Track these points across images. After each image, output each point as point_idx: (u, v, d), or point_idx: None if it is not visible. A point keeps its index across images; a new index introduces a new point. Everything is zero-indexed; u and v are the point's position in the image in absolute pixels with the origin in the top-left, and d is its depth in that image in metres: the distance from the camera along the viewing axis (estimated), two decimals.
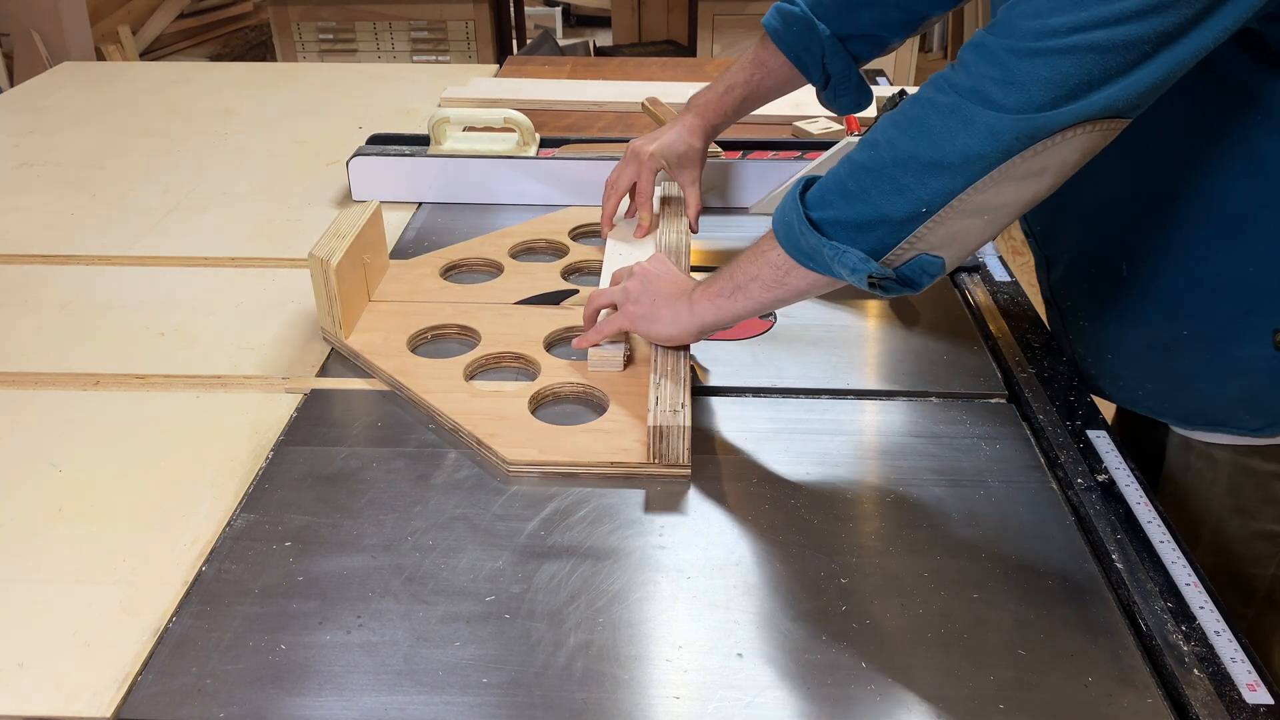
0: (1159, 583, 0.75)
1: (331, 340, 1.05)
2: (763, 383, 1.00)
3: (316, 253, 1.00)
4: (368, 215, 1.09)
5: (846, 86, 1.18)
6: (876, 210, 0.77)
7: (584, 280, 1.18)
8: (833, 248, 0.79)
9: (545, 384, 0.96)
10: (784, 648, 0.70)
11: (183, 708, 0.65)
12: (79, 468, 0.88)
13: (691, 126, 1.20)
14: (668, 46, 3.88)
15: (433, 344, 1.05)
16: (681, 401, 0.88)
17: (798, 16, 1.14)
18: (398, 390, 0.97)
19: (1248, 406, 0.92)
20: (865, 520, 0.82)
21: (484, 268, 1.20)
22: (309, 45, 3.36)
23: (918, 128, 0.76)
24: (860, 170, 0.79)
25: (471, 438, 0.90)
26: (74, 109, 1.79)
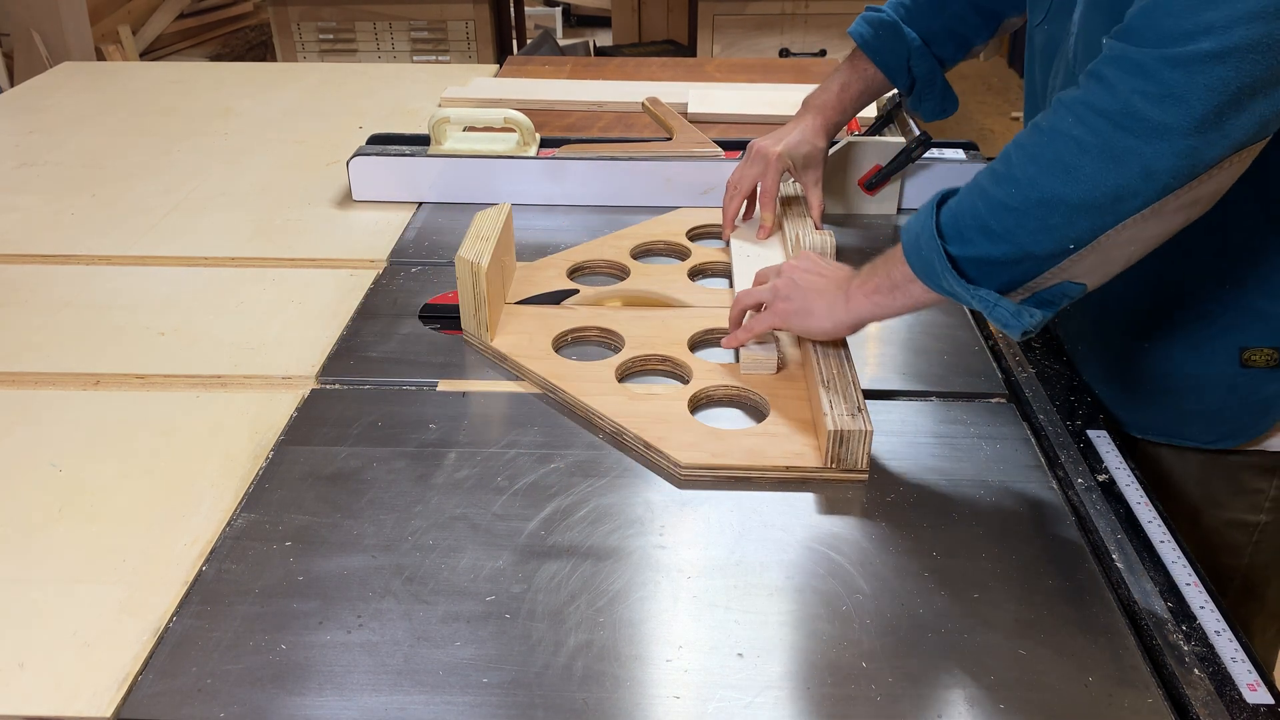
0: (1159, 582, 0.75)
1: (474, 343, 1.05)
2: None
3: (465, 255, 1.00)
4: (504, 217, 1.09)
5: (931, 91, 1.19)
6: (1021, 249, 0.76)
7: (709, 281, 1.18)
8: (980, 300, 0.78)
9: (700, 387, 0.96)
10: (784, 647, 0.70)
11: (183, 707, 0.65)
12: (79, 468, 0.88)
13: (814, 126, 1.21)
14: (668, 46, 3.88)
15: (574, 346, 1.05)
16: (858, 405, 0.87)
17: (885, 22, 1.16)
18: (550, 392, 0.97)
19: (1202, 421, 0.92)
20: (865, 520, 0.82)
21: (609, 270, 1.20)
22: (309, 45, 3.36)
23: (1062, 168, 0.72)
24: (1001, 209, 0.76)
25: (638, 440, 0.89)
26: (74, 109, 1.79)
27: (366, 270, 1.21)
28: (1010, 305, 0.78)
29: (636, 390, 0.96)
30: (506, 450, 0.89)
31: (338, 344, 1.06)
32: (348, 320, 1.10)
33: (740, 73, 1.99)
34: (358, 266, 1.23)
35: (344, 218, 1.36)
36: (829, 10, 3.32)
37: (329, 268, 1.23)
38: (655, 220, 1.31)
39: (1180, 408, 0.93)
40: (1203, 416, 0.92)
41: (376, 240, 1.29)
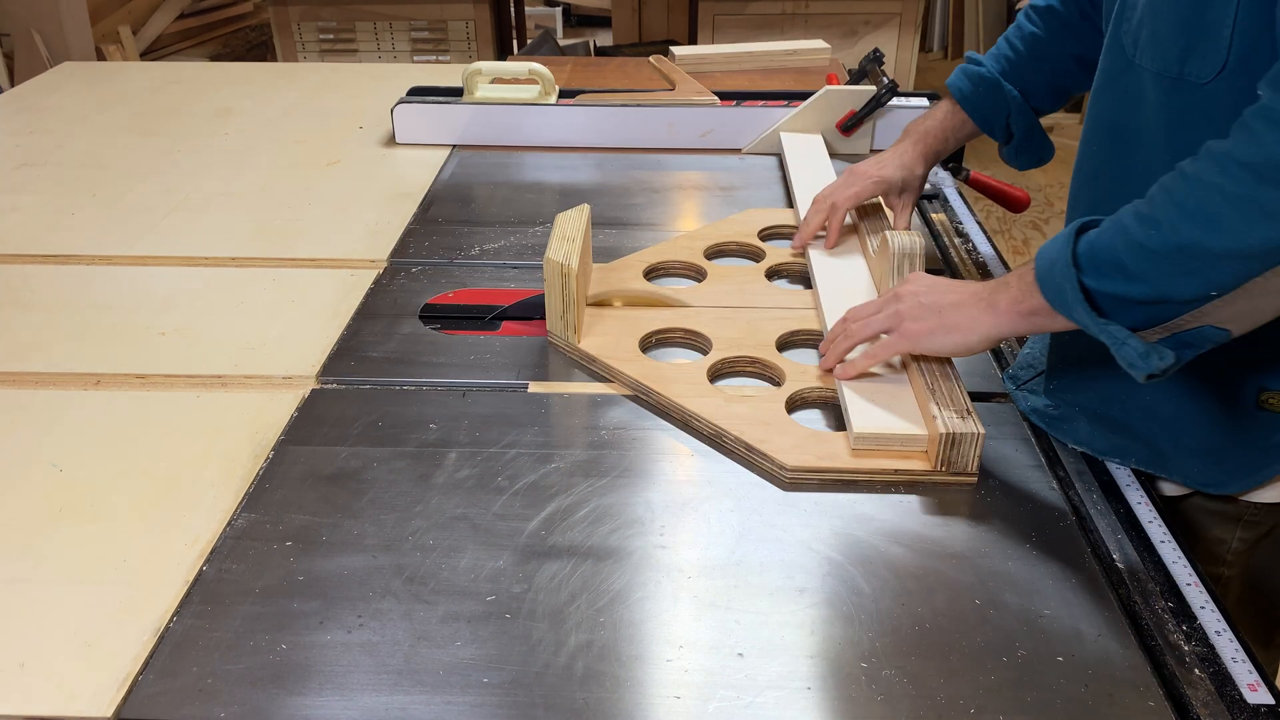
0: (1159, 583, 0.75)
1: (561, 345, 1.05)
2: None
3: (554, 257, 1.00)
4: (585, 218, 1.09)
5: (1030, 144, 1.18)
6: (1159, 292, 0.75)
7: (781, 282, 1.18)
8: (1108, 335, 0.76)
9: (796, 388, 0.95)
10: (784, 647, 0.70)
11: (183, 707, 0.65)
12: (79, 468, 0.88)
13: (914, 153, 1.21)
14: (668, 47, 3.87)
15: (659, 348, 1.05)
16: (967, 407, 0.86)
17: (984, 78, 1.15)
18: (643, 394, 0.96)
19: (1203, 460, 0.89)
20: (865, 520, 0.82)
21: (684, 271, 1.20)
22: (309, 45, 3.36)
23: (1205, 218, 0.71)
24: (1141, 250, 0.75)
25: (739, 442, 0.89)
26: (74, 109, 1.80)
27: (366, 270, 1.21)
28: (1139, 345, 0.76)
29: (730, 392, 0.96)
30: (507, 450, 0.89)
31: (338, 344, 1.06)
32: (348, 320, 1.10)
33: (740, 73, 2.00)
34: (358, 266, 1.23)
35: (345, 218, 1.36)
36: (829, 10, 3.33)
37: (329, 268, 1.23)
38: (725, 221, 1.32)
39: (1180, 443, 0.89)
40: (1201, 457, 0.89)
41: (377, 240, 1.29)
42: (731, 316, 1.08)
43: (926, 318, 0.90)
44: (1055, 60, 1.13)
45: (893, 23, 3.35)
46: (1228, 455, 0.88)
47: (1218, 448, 0.88)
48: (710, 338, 1.03)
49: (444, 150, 1.59)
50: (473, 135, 1.61)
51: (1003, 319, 0.85)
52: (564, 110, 1.60)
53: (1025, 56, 1.14)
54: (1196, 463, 0.89)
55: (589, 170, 1.53)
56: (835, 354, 0.95)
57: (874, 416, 0.88)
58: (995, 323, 0.86)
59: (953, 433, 0.83)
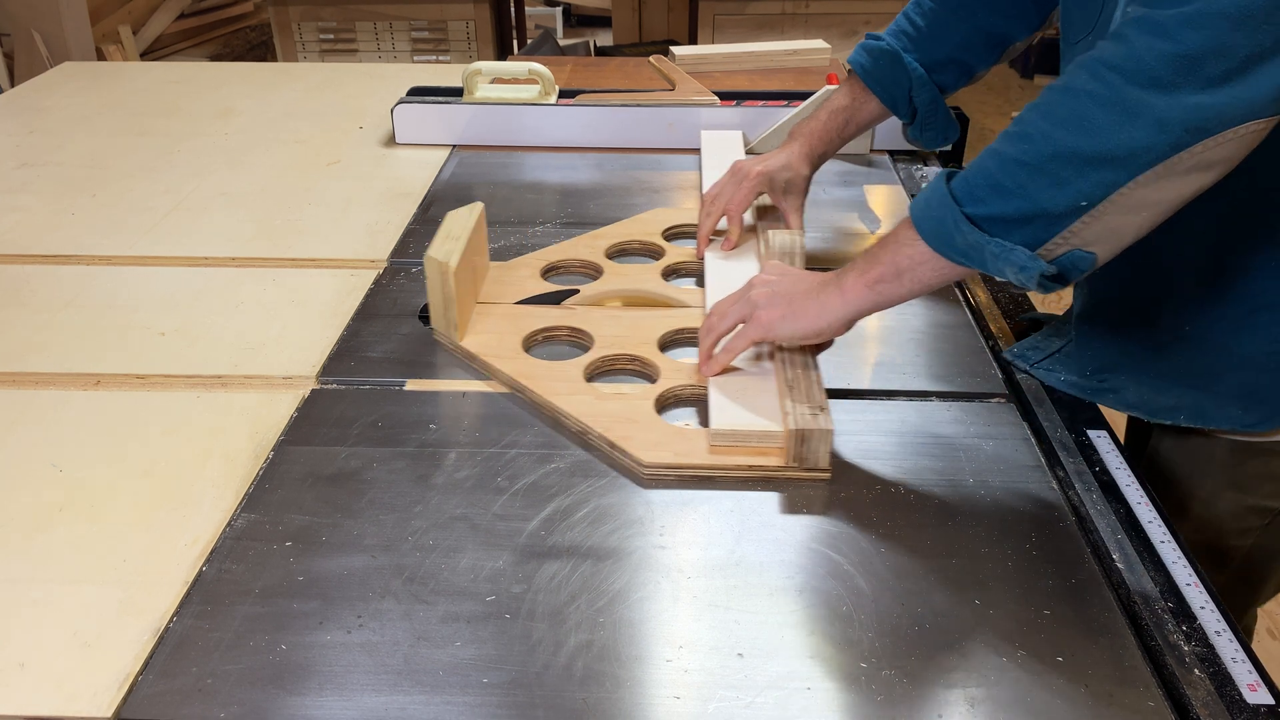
0: (1159, 583, 0.75)
1: (444, 342, 1.05)
2: None
3: (434, 255, 1.00)
4: (475, 217, 1.09)
5: (934, 120, 1.18)
6: (1034, 205, 0.75)
7: (683, 281, 1.18)
8: (997, 244, 0.77)
9: (667, 386, 0.96)
10: (784, 648, 0.70)
11: (183, 708, 0.66)
12: (79, 468, 0.88)
13: (799, 153, 1.20)
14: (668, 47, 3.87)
15: (544, 346, 1.05)
16: (820, 403, 0.87)
17: (885, 51, 1.14)
18: (518, 392, 0.97)
19: (1242, 403, 0.91)
20: (866, 520, 0.82)
21: (583, 269, 1.20)
22: (309, 45, 3.37)
23: (1077, 121, 0.73)
24: (1013, 164, 0.77)
25: (602, 440, 0.89)
26: (74, 109, 1.80)
27: (366, 270, 1.21)
28: (1025, 251, 0.77)
29: (604, 390, 0.96)
30: (506, 450, 0.89)
31: (338, 344, 1.06)
32: (348, 320, 1.10)
33: (740, 73, 2.00)
34: (358, 266, 1.23)
35: (345, 218, 1.36)
36: (829, 10, 3.33)
37: (329, 268, 1.23)
38: (632, 220, 1.32)
39: (1215, 389, 0.91)
40: (1240, 399, 0.91)
41: (377, 240, 1.29)
42: (620, 315, 1.08)
43: (778, 305, 0.91)
44: (957, 35, 1.12)
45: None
46: (1264, 395, 0.90)
47: (1253, 390, 0.90)
48: (594, 336, 1.03)
49: (444, 150, 1.59)
50: (473, 135, 1.61)
51: (850, 297, 0.88)
52: (564, 110, 1.60)
53: (924, 31, 1.13)
54: (1237, 407, 0.91)
55: (589, 170, 1.53)
56: (702, 351, 0.96)
57: (733, 413, 0.89)
58: (843, 302, 0.88)
59: (802, 429, 0.84)
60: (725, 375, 0.95)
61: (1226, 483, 0.97)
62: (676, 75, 1.72)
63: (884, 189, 1.45)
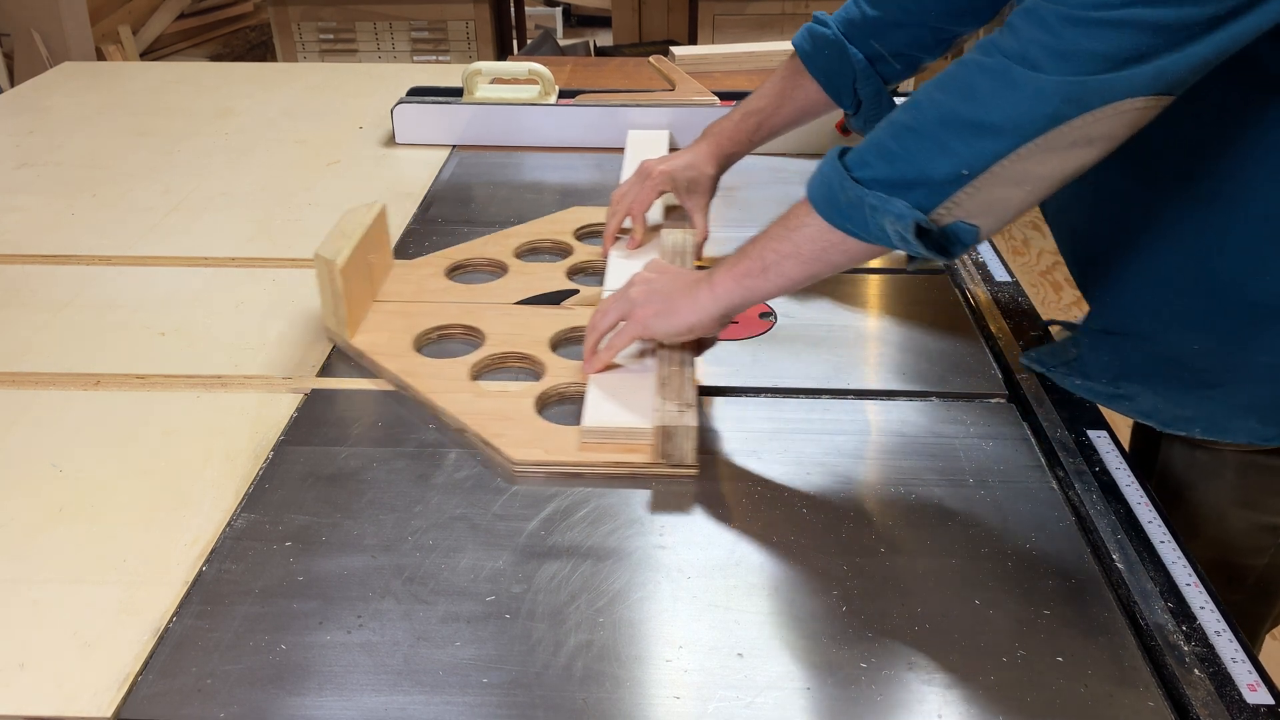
0: (1159, 583, 0.75)
1: (336, 340, 1.05)
2: (763, 383, 1.00)
3: (322, 252, 1.00)
4: (373, 216, 1.09)
5: (878, 111, 1.16)
6: (917, 169, 0.77)
7: (587, 280, 1.18)
8: (876, 197, 0.78)
9: (551, 384, 0.96)
10: (784, 648, 0.70)
11: (183, 708, 0.65)
12: (79, 468, 0.88)
13: (705, 153, 1.19)
14: (668, 47, 3.87)
15: (438, 344, 1.05)
16: (687, 401, 0.88)
17: (829, 40, 1.12)
18: (403, 390, 0.97)
19: (1258, 415, 0.90)
20: (865, 520, 0.82)
21: (488, 268, 1.20)
22: (309, 45, 3.37)
23: (962, 88, 0.76)
24: (902, 129, 0.78)
25: (477, 438, 0.90)
26: (74, 109, 1.80)
27: None
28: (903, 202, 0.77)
29: (487, 388, 0.96)
30: None
31: (338, 344, 1.06)
32: None
33: (740, 73, 2.00)
34: None
35: None
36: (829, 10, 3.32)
37: None
38: (548, 219, 1.31)
39: (1230, 401, 0.90)
40: (1256, 411, 0.90)
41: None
42: (513, 313, 1.08)
43: (654, 302, 0.93)
44: (907, 31, 1.11)
45: None
46: None
47: (1267, 402, 0.90)
48: (485, 334, 1.04)
49: (444, 150, 1.59)
50: (473, 135, 1.61)
51: (719, 292, 0.89)
52: (564, 110, 1.60)
53: (873, 21, 1.11)
54: (1253, 419, 0.90)
55: (589, 170, 1.53)
56: (586, 348, 0.97)
57: (605, 410, 0.90)
58: (713, 296, 0.89)
59: (666, 426, 0.85)
60: (607, 373, 0.95)
61: (1237, 500, 0.96)
62: (676, 75, 1.73)
63: None
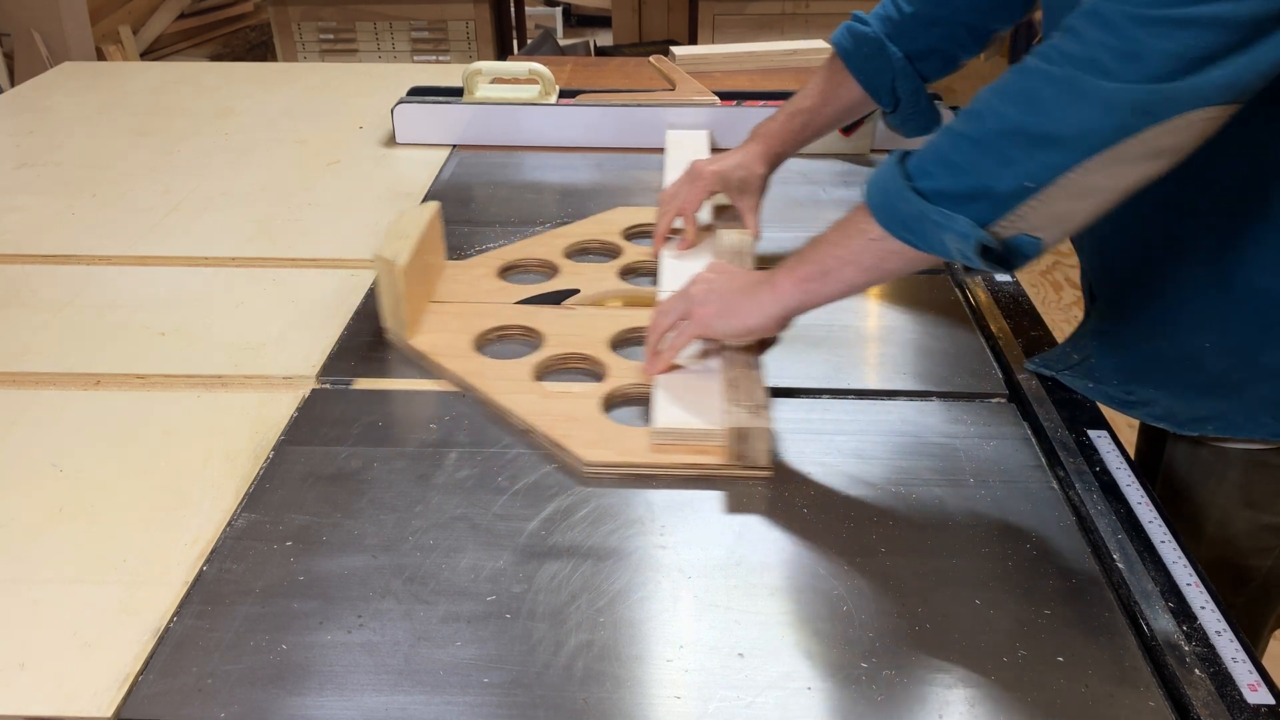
0: (1160, 582, 0.75)
1: (396, 342, 1.05)
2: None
3: (382, 254, 1.00)
4: (429, 216, 1.09)
5: (916, 109, 1.17)
6: (980, 182, 0.75)
7: (639, 281, 1.18)
8: (939, 213, 0.77)
9: (615, 385, 0.96)
10: (785, 648, 0.70)
11: (184, 708, 0.65)
12: (79, 468, 0.88)
13: (755, 153, 1.19)
14: (668, 47, 3.87)
15: (497, 345, 1.05)
16: (760, 402, 0.87)
17: (869, 37, 1.13)
18: (466, 391, 0.97)
19: (1272, 412, 0.90)
20: (866, 520, 0.82)
21: (539, 268, 1.20)
22: (309, 45, 3.37)
23: (1026, 98, 0.74)
24: (963, 141, 0.77)
25: (546, 438, 0.89)
26: (74, 109, 1.79)
27: (367, 270, 1.21)
28: (966, 219, 0.76)
29: (551, 389, 0.96)
30: (507, 450, 0.89)
31: (338, 344, 1.06)
32: (348, 320, 1.10)
33: (740, 73, 2.00)
34: (358, 266, 1.23)
35: (345, 218, 1.36)
36: (829, 10, 3.33)
37: (329, 268, 1.23)
38: (593, 219, 1.32)
39: (1244, 399, 0.90)
40: (1271, 408, 0.89)
41: (377, 240, 1.28)
42: (571, 314, 1.08)
43: (714, 302, 0.92)
44: (943, 27, 1.11)
45: None
46: None
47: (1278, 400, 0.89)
48: (545, 334, 1.03)
49: (444, 150, 1.59)
50: (473, 135, 1.61)
51: (781, 294, 0.89)
52: (564, 110, 1.60)
53: (911, 21, 1.12)
54: (1267, 416, 0.90)
55: (589, 170, 1.53)
56: (647, 349, 0.97)
57: (675, 412, 0.90)
58: (775, 299, 0.89)
59: (741, 427, 0.84)
60: (671, 374, 0.95)
61: (1241, 501, 0.96)
62: (676, 75, 1.73)
63: None
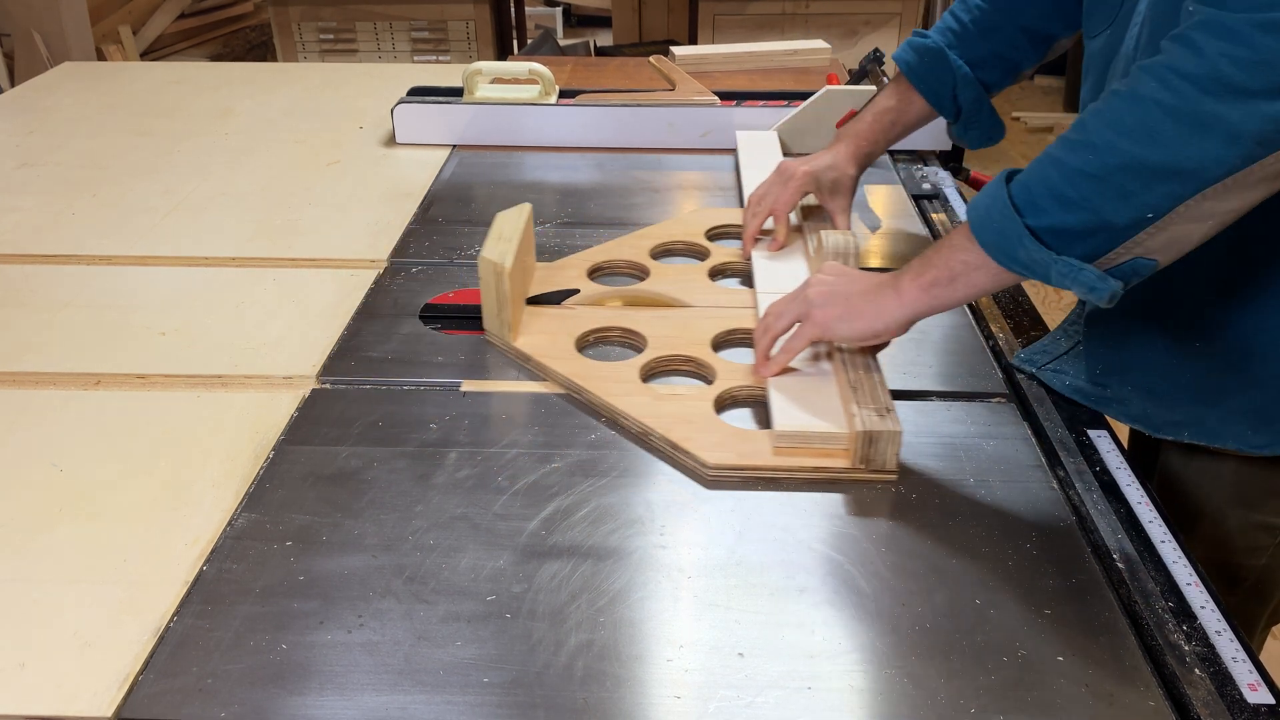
0: (1160, 582, 0.75)
1: (498, 343, 1.05)
2: None
3: (488, 256, 1.00)
4: (525, 218, 1.09)
5: (978, 118, 1.18)
6: (1098, 217, 0.74)
7: (729, 281, 1.18)
8: (1064, 264, 0.76)
9: (725, 387, 0.95)
10: (785, 647, 0.70)
11: (184, 707, 0.65)
12: (79, 468, 0.88)
13: (845, 153, 1.20)
14: (668, 47, 3.87)
15: (596, 347, 1.05)
16: (886, 405, 0.87)
17: (930, 48, 1.15)
18: (575, 393, 0.97)
19: (1251, 421, 0.90)
20: (866, 520, 0.82)
21: (628, 270, 1.20)
22: (309, 45, 3.36)
23: (1145, 132, 0.71)
24: (1078, 176, 0.75)
25: (664, 440, 0.89)
26: (75, 109, 1.80)
27: (367, 270, 1.21)
28: (1094, 270, 0.76)
29: (661, 391, 0.96)
30: (507, 450, 0.89)
31: (338, 344, 1.06)
32: (348, 320, 1.10)
33: (740, 73, 2.00)
34: (358, 266, 1.23)
35: (345, 218, 1.36)
36: (829, 10, 3.33)
37: (329, 268, 1.23)
38: (674, 220, 1.32)
39: (1223, 406, 0.90)
40: (1248, 417, 0.90)
41: (377, 240, 1.29)
42: (669, 316, 1.08)
43: (835, 304, 0.91)
44: (1003, 32, 1.13)
45: (893, 23, 3.35)
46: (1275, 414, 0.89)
47: (1260, 408, 0.89)
48: (646, 337, 1.03)
49: (444, 150, 1.59)
50: (473, 135, 1.61)
51: (906, 299, 0.87)
52: (564, 110, 1.60)
53: (970, 29, 1.14)
54: (1245, 426, 0.90)
55: (589, 170, 1.53)
56: (759, 351, 0.96)
57: (795, 414, 0.89)
58: (900, 304, 0.88)
59: (870, 430, 0.84)
60: (784, 376, 0.94)
61: (1234, 499, 0.96)
62: (676, 75, 1.73)
63: (884, 189, 1.45)
